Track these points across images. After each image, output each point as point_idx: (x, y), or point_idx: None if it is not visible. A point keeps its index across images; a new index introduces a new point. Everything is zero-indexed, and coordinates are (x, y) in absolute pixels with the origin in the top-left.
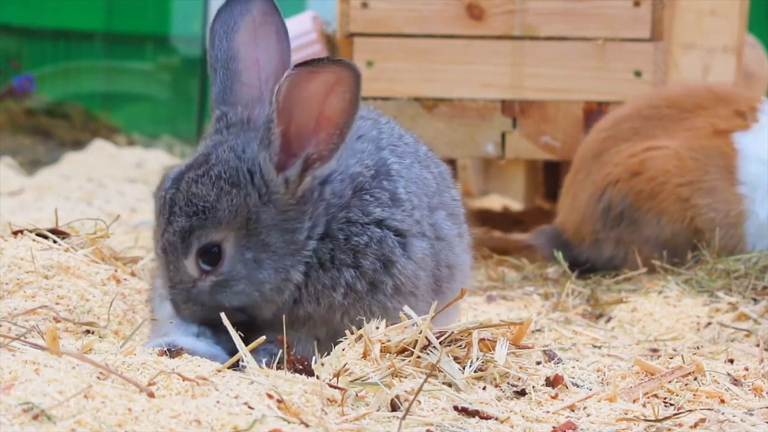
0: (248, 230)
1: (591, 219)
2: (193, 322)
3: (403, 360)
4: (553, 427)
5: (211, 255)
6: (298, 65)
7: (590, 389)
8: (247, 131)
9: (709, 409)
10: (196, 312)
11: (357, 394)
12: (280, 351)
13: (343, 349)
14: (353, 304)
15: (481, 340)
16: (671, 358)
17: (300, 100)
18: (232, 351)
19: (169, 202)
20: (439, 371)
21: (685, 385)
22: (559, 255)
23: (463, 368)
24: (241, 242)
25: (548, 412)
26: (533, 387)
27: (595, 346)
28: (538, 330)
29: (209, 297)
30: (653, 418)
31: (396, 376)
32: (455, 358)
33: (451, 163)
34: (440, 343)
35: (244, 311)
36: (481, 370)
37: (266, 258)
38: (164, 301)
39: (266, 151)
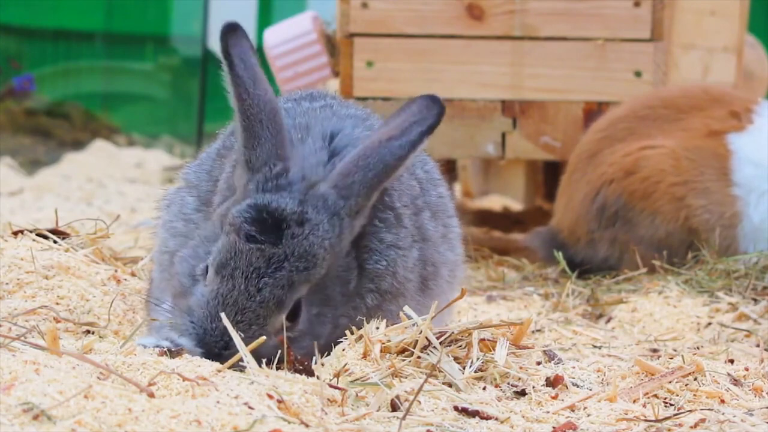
0: (317, 285)
1: (586, 219)
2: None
3: (404, 360)
4: (554, 428)
5: (294, 310)
6: (419, 139)
7: (590, 389)
8: (315, 185)
9: (709, 410)
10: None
11: (357, 395)
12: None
13: (344, 350)
14: (367, 318)
15: (482, 340)
16: (671, 359)
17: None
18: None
19: (276, 256)
20: (440, 371)
21: (686, 385)
22: (559, 255)
23: (464, 368)
24: (309, 297)
25: (548, 412)
26: (533, 387)
27: (595, 347)
28: (538, 330)
29: (275, 352)
30: (653, 418)
31: (396, 377)
32: (455, 359)
33: (451, 163)
34: (440, 343)
35: None
36: (482, 371)
37: (327, 312)
38: (161, 304)
39: (346, 204)
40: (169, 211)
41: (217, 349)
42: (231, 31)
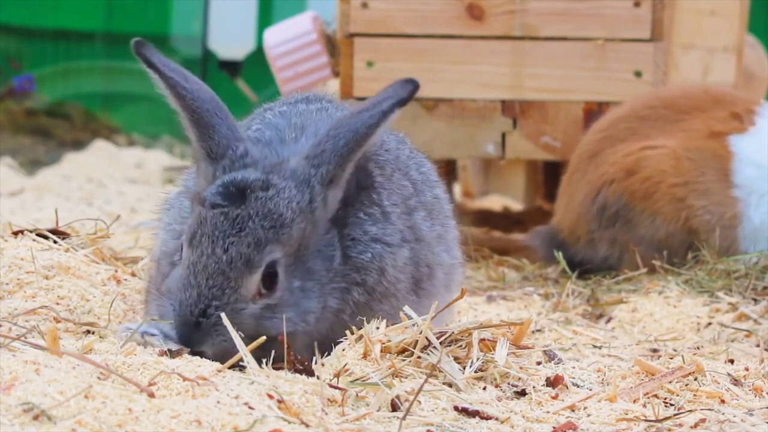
0: (296, 257)
1: (586, 219)
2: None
3: (404, 360)
4: (554, 428)
5: (268, 278)
6: (396, 107)
7: (590, 389)
8: (286, 158)
9: (709, 410)
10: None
11: (357, 395)
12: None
13: (344, 350)
14: (353, 317)
15: (482, 340)
16: (671, 359)
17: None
18: None
19: (240, 216)
20: (440, 371)
21: (686, 385)
22: (559, 255)
23: (464, 368)
24: (289, 269)
25: (548, 412)
26: (533, 387)
27: (595, 347)
28: (539, 330)
29: (256, 322)
30: (653, 418)
31: (396, 377)
32: (455, 359)
33: (452, 163)
34: (440, 343)
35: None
36: (482, 371)
37: (311, 287)
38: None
39: (317, 172)
40: (170, 213)
41: (194, 317)
42: (141, 44)
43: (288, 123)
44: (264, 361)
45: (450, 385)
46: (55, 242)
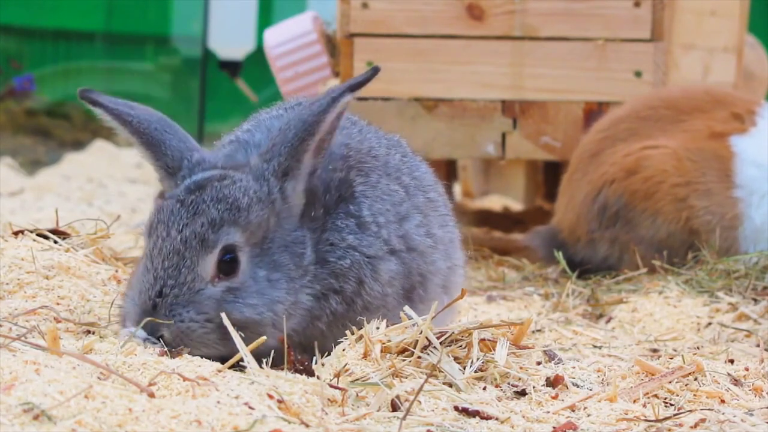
0: (262, 249)
1: (586, 219)
2: (178, 340)
3: (404, 360)
4: (554, 428)
5: (228, 263)
6: (347, 92)
7: (590, 389)
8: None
9: (709, 410)
10: (193, 324)
11: (357, 395)
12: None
13: (344, 350)
14: (330, 327)
15: (482, 340)
16: (671, 359)
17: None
18: None
19: (194, 201)
20: (440, 371)
21: (686, 385)
22: (559, 254)
23: (464, 368)
24: (254, 259)
25: (549, 412)
26: (534, 387)
27: (595, 347)
28: (539, 330)
29: (217, 305)
30: (653, 418)
31: (396, 377)
32: (455, 359)
33: (452, 163)
34: (440, 343)
35: (244, 331)
36: (482, 371)
37: (279, 278)
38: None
39: (269, 165)
40: None
41: (150, 300)
42: (86, 90)
43: (280, 125)
44: (264, 361)
45: (450, 385)
46: (55, 242)
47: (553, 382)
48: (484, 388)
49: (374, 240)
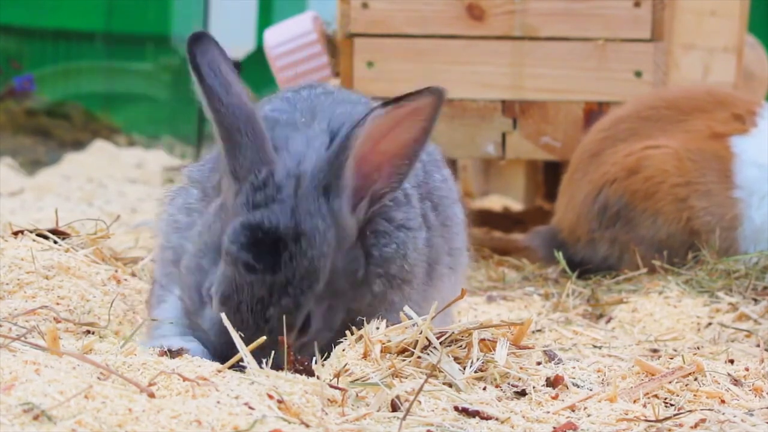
0: (326, 286)
1: (587, 218)
2: None
3: (404, 360)
4: (554, 428)
5: (304, 325)
6: (381, 106)
7: (591, 389)
8: (304, 186)
9: (709, 410)
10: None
11: (357, 395)
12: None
13: (344, 350)
14: (370, 308)
15: (482, 340)
16: (671, 359)
17: (372, 139)
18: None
19: (275, 283)
20: (440, 371)
21: (686, 385)
22: (559, 254)
23: (464, 368)
24: (320, 304)
25: (549, 412)
26: (534, 387)
27: (595, 347)
28: (539, 330)
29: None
30: (653, 418)
31: (396, 377)
32: (455, 359)
33: (452, 163)
34: (440, 343)
35: None
36: (482, 371)
37: (338, 303)
38: (161, 303)
39: (340, 199)
40: (174, 203)
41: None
42: (197, 40)
43: (297, 108)
44: (264, 361)
45: (450, 385)
46: (55, 242)
47: (553, 382)
48: (484, 388)
49: (415, 212)
